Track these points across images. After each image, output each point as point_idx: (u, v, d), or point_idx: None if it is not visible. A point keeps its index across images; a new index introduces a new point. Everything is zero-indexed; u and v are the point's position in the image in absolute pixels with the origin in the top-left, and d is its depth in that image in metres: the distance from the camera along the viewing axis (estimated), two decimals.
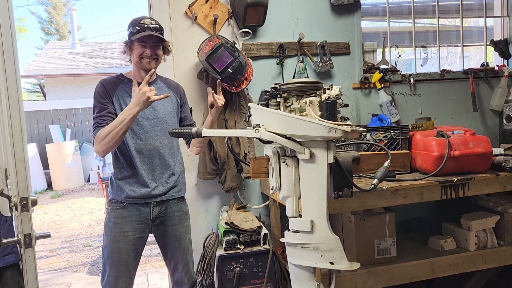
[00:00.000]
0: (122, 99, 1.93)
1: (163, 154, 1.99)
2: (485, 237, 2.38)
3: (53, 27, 18.63)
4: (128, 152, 1.93)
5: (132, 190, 1.94)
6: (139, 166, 1.94)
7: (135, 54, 1.92)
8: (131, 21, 1.94)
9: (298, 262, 1.41)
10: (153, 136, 1.97)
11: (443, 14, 3.23)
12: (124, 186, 1.94)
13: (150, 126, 1.96)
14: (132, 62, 1.97)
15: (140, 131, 1.94)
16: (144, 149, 1.95)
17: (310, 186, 1.39)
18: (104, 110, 1.88)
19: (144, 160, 1.95)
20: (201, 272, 2.42)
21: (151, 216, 1.99)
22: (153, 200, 1.97)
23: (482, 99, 3.11)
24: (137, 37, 1.88)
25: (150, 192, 1.96)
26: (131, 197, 1.94)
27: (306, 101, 1.39)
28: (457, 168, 2.16)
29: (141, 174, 1.94)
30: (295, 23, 2.71)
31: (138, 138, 1.94)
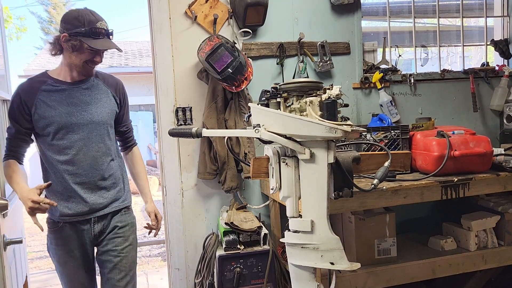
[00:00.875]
0: (46, 104, 1.68)
1: (101, 162, 1.77)
2: (485, 237, 2.38)
3: (53, 27, 18.63)
4: (56, 165, 1.71)
5: (67, 207, 1.72)
6: (70, 179, 1.71)
7: (78, 57, 1.67)
8: (82, 18, 1.64)
9: (298, 262, 1.41)
10: (88, 144, 1.73)
11: (443, 14, 3.22)
12: (57, 202, 1.68)
13: (85, 132, 1.73)
14: (66, 60, 1.71)
15: (71, 140, 1.71)
16: (77, 160, 1.71)
17: (310, 186, 1.38)
18: (13, 130, 1.70)
19: (78, 172, 1.72)
20: (201, 272, 2.42)
21: (93, 234, 1.79)
22: (93, 215, 1.77)
23: (482, 99, 3.10)
24: (95, 45, 1.65)
25: (89, 207, 1.74)
26: (67, 215, 1.72)
27: (306, 101, 1.39)
28: (458, 168, 2.15)
29: (74, 188, 1.72)
30: (295, 23, 2.71)
31: (68, 148, 1.70)
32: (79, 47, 1.65)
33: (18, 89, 1.71)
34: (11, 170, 1.69)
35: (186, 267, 2.62)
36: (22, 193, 1.58)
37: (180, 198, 2.59)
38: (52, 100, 1.70)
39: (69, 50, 1.67)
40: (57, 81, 1.72)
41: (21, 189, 1.61)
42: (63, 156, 1.71)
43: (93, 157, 1.75)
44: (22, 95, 1.69)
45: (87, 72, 1.74)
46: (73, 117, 1.71)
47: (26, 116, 1.69)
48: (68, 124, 1.70)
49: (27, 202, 1.54)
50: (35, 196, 1.54)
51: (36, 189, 1.57)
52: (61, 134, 1.70)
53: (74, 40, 1.64)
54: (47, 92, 1.70)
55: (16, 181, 1.65)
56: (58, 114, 1.69)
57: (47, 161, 1.74)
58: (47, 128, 1.70)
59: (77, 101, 1.74)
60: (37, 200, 1.53)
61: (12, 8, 15.89)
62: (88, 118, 1.74)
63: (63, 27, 1.66)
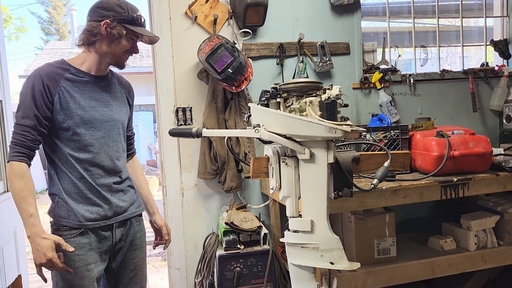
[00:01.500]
0: (69, 94, 1.50)
1: (118, 163, 1.63)
2: (485, 237, 2.38)
3: (53, 27, 18.64)
4: (76, 164, 1.53)
5: (88, 211, 1.53)
6: (92, 179, 1.54)
7: (120, 46, 1.54)
8: (124, 6, 1.54)
9: (298, 262, 1.41)
10: (108, 143, 1.60)
11: (443, 14, 3.23)
12: (76, 206, 1.52)
13: (105, 130, 1.59)
14: (98, 50, 1.55)
15: (94, 136, 1.56)
16: (98, 158, 1.56)
17: (310, 186, 1.39)
18: (32, 121, 1.45)
19: (99, 172, 1.57)
20: (201, 272, 2.42)
21: (114, 241, 1.61)
22: (114, 221, 1.59)
23: (482, 99, 3.11)
24: (144, 33, 1.55)
25: (113, 211, 1.58)
26: (90, 219, 1.53)
27: (306, 101, 1.39)
28: (457, 168, 2.16)
29: (98, 189, 1.55)
30: (295, 23, 2.71)
31: (90, 145, 1.55)
32: (123, 35, 1.51)
33: (39, 72, 1.48)
34: (27, 186, 1.44)
35: (186, 266, 2.62)
36: (40, 241, 1.40)
37: (180, 198, 2.60)
38: (75, 91, 1.52)
39: (109, 39, 1.51)
40: (80, 71, 1.55)
41: (38, 233, 1.40)
42: (84, 153, 1.53)
43: (112, 157, 1.61)
44: (45, 80, 1.47)
45: (121, 63, 1.60)
46: (95, 112, 1.56)
47: (49, 105, 1.47)
48: (91, 119, 1.55)
49: (41, 256, 1.39)
50: (54, 255, 1.40)
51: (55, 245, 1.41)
52: (83, 129, 1.53)
53: (120, 27, 1.49)
54: (70, 82, 1.52)
55: (30, 212, 1.42)
56: (81, 107, 1.53)
57: (63, 159, 1.53)
58: (67, 121, 1.50)
59: (99, 96, 1.59)
60: (55, 263, 1.40)
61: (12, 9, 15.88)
62: (109, 115, 1.61)
63: (100, 15, 1.50)
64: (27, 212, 1.42)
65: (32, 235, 1.41)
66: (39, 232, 1.41)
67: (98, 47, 1.54)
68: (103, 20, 1.49)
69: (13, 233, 2.55)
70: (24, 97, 1.47)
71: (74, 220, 1.52)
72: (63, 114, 1.50)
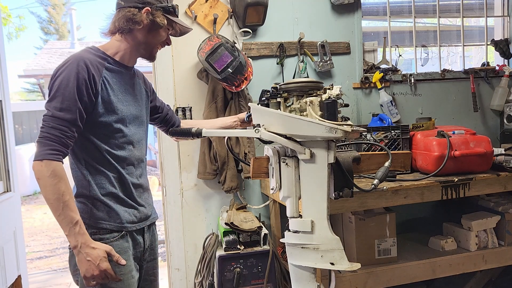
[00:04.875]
0: (110, 86, 1.39)
1: (144, 163, 1.55)
2: (485, 237, 2.38)
3: (52, 26, 18.64)
4: (114, 162, 1.41)
5: (127, 212, 1.43)
6: (128, 179, 1.44)
7: (157, 37, 1.44)
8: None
9: (298, 263, 1.41)
10: (139, 140, 1.51)
11: (443, 13, 3.22)
12: (116, 206, 1.41)
13: (137, 126, 1.50)
14: (137, 39, 1.43)
15: (130, 133, 1.46)
16: (133, 157, 1.47)
17: (311, 186, 1.38)
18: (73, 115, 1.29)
19: (133, 172, 1.47)
20: (201, 272, 2.42)
21: (144, 247, 1.51)
22: (144, 224, 1.50)
23: (482, 99, 3.10)
24: (183, 24, 1.47)
25: (144, 215, 1.49)
26: (129, 221, 1.43)
27: (306, 101, 1.38)
28: (458, 168, 2.15)
29: (132, 189, 1.46)
30: (295, 22, 2.71)
31: (127, 143, 1.45)
32: (164, 25, 1.41)
33: (82, 59, 1.32)
34: (68, 190, 1.28)
35: (186, 267, 2.62)
36: (89, 251, 1.27)
37: (180, 198, 2.59)
38: (115, 83, 1.40)
39: (149, 28, 1.40)
40: (116, 61, 1.43)
41: (87, 242, 1.28)
42: (122, 151, 1.42)
43: (142, 156, 1.52)
44: (90, 68, 1.32)
45: (154, 55, 1.50)
46: (131, 107, 1.46)
47: (92, 97, 1.32)
48: (129, 114, 1.44)
49: (93, 268, 1.27)
50: (108, 265, 1.28)
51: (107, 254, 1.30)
52: (122, 125, 1.42)
53: (160, 16, 1.39)
54: (110, 72, 1.39)
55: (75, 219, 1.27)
56: (120, 100, 1.41)
57: (98, 158, 1.39)
58: (108, 116, 1.37)
59: (131, 90, 1.49)
60: (110, 274, 1.29)
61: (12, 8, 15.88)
62: (140, 111, 1.51)
63: (140, 1, 1.38)
64: (71, 219, 1.26)
65: (79, 245, 1.27)
66: (88, 242, 1.28)
67: (135, 36, 1.41)
68: (144, 7, 1.38)
69: (13, 233, 2.55)
70: (64, 85, 1.28)
71: (115, 222, 1.40)
72: (103, 107, 1.36)
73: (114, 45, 1.44)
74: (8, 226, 2.48)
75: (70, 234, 1.27)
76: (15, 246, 2.56)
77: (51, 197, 1.25)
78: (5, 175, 2.53)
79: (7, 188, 2.49)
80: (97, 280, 1.29)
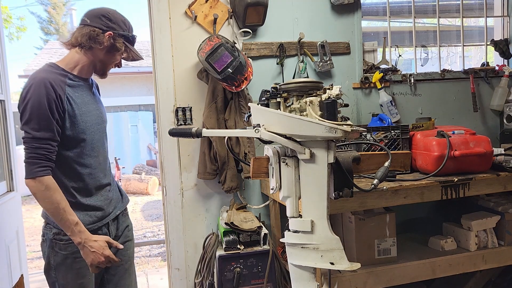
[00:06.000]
0: (73, 101, 1.51)
1: (108, 163, 1.70)
2: (485, 237, 2.38)
3: (52, 27, 18.64)
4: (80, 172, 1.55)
5: (88, 215, 1.56)
6: (92, 184, 1.59)
7: (112, 58, 1.61)
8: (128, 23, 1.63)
9: (298, 263, 1.41)
10: (103, 145, 1.66)
11: (443, 13, 3.22)
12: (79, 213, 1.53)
13: (100, 133, 1.64)
14: (92, 57, 1.57)
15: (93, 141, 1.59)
16: (96, 163, 1.61)
17: (310, 186, 1.38)
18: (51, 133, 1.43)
19: (99, 176, 1.62)
20: (201, 272, 2.42)
21: (111, 236, 1.67)
22: (108, 219, 1.65)
23: (482, 99, 3.10)
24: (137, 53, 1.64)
25: (107, 212, 1.64)
26: (91, 223, 1.57)
27: (306, 101, 1.39)
28: (458, 168, 2.15)
29: (96, 193, 1.60)
30: (295, 22, 2.71)
31: (91, 149, 1.59)
32: (119, 49, 1.58)
33: (47, 79, 1.44)
34: (62, 198, 1.45)
35: (186, 267, 2.62)
36: (93, 244, 1.47)
37: (180, 198, 2.59)
38: (77, 97, 1.53)
39: (107, 48, 1.56)
40: (75, 75, 1.56)
41: (88, 238, 1.48)
42: (88, 158, 1.57)
43: (106, 159, 1.68)
44: (56, 88, 1.44)
45: (106, 73, 1.65)
46: (92, 116, 1.59)
47: (61, 114, 1.46)
48: (91, 124, 1.58)
49: (99, 256, 1.48)
50: (110, 252, 1.51)
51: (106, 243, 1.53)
52: (87, 135, 1.56)
53: (119, 42, 1.57)
54: (71, 88, 1.52)
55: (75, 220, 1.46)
56: (83, 112, 1.54)
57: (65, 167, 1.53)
58: (73, 128, 1.52)
59: (91, 100, 1.62)
60: (112, 258, 1.51)
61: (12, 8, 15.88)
62: (101, 118, 1.66)
63: (105, 25, 1.55)
64: (71, 222, 1.45)
65: (82, 241, 1.47)
66: (89, 237, 1.48)
67: (94, 53, 1.57)
68: (107, 30, 1.55)
69: (16, 233, 2.55)
70: (37, 108, 1.41)
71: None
72: (69, 121, 1.50)
73: (74, 59, 1.57)
74: (12, 226, 2.48)
75: (73, 234, 1.46)
76: (18, 246, 2.57)
77: (50, 207, 1.43)
78: (8, 174, 2.53)
79: (9, 187, 2.49)
80: (102, 266, 1.51)
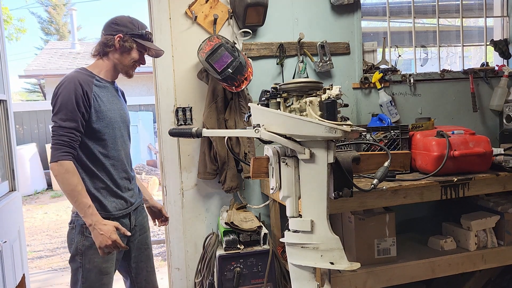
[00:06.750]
0: (100, 98, 1.71)
1: (130, 158, 1.88)
2: (485, 237, 2.38)
3: (53, 27, 18.65)
4: (104, 162, 1.72)
5: (115, 202, 1.74)
6: (116, 175, 1.74)
7: (129, 58, 1.76)
8: (136, 22, 1.78)
9: (298, 262, 1.41)
10: (125, 141, 1.83)
11: (443, 14, 3.23)
12: (105, 200, 1.71)
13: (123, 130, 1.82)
14: (111, 61, 1.77)
15: (117, 135, 1.77)
16: (119, 156, 1.77)
17: (310, 186, 1.39)
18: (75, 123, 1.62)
19: (121, 168, 1.77)
20: (201, 272, 2.42)
21: (131, 227, 1.82)
22: (130, 210, 1.81)
23: (482, 99, 3.11)
24: (151, 46, 1.78)
25: (129, 202, 1.80)
26: (116, 209, 1.74)
27: (306, 101, 1.39)
28: (457, 168, 2.16)
29: (120, 184, 1.76)
30: (295, 23, 2.71)
31: (114, 143, 1.75)
32: (133, 48, 1.75)
33: (77, 79, 1.66)
34: (80, 182, 1.60)
35: (186, 266, 2.62)
36: (102, 227, 1.59)
37: (180, 198, 2.60)
38: (103, 96, 1.74)
39: (121, 50, 1.74)
40: (101, 78, 1.77)
41: (99, 221, 1.59)
42: (111, 150, 1.74)
43: (127, 154, 1.85)
44: (83, 85, 1.65)
45: (130, 73, 1.81)
46: (117, 113, 1.78)
47: (87, 108, 1.66)
48: (115, 120, 1.76)
49: (106, 239, 1.58)
50: (117, 237, 1.60)
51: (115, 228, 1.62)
52: (110, 129, 1.73)
53: (130, 41, 1.74)
54: (98, 87, 1.73)
55: (88, 203, 1.59)
56: (108, 109, 1.74)
57: (92, 158, 1.69)
58: (99, 122, 1.69)
59: (116, 100, 1.82)
60: (119, 243, 1.61)
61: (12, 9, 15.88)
62: (124, 117, 1.84)
63: (114, 30, 1.73)
64: (85, 204, 1.58)
65: (93, 223, 1.58)
66: (99, 220, 1.59)
67: (111, 57, 1.76)
68: (116, 34, 1.72)
69: (17, 232, 2.55)
70: (65, 101, 1.61)
71: (104, 211, 1.68)
72: (96, 116, 1.68)
73: (98, 65, 1.79)
74: (14, 225, 2.49)
75: (86, 215, 1.59)
76: (20, 245, 2.57)
77: (68, 188, 1.58)
78: (10, 174, 2.54)
79: (11, 187, 2.50)
80: (109, 249, 1.60)
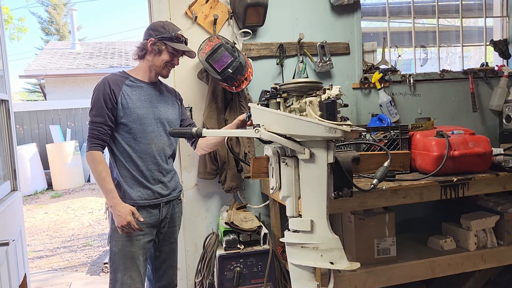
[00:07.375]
0: (129, 96, 1.89)
1: (166, 154, 1.98)
2: (484, 237, 2.39)
3: (53, 27, 18.64)
4: (131, 154, 1.89)
5: (140, 192, 1.89)
6: (143, 167, 1.90)
7: (160, 59, 1.91)
8: (167, 27, 1.93)
9: (298, 262, 1.42)
10: (157, 136, 1.94)
11: (442, 14, 3.23)
12: (131, 188, 1.89)
13: (154, 126, 1.94)
14: (147, 63, 1.95)
15: (146, 130, 1.91)
16: (148, 149, 1.90)
17: (310, 186, 1.39)
18: (103, 118, 1.83)
19: (150, 161, 1.91)
20: (201, 272, 2.43)
21: (160, 218, 1.96)
22: (161, 201, 1.95)
23: (481, 99, 3.11)
24: (177, 47, 1.91)
25: (159, 193, 1.93)
26: (142, 199, 1.90)
27: (306, 101, 1.39)
28: (457, 168, 2.16)
29: (147, 175, 1.90)
30: (295, 23, 2.72)
31: (143, 137, 1.90)
32: (163, 50, 1.91)
33: (107, 80, 1.88)
34: (105, 169, 1.83)
35: (186, 266, 2.63)
36: (120, 209, 1.79)
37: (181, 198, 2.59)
38: (133, 94, 1.90)
39: (153, 53, 1.91)
40: (136, 79, 1.95)
41: (118, 203, 1.80)
42: (138, 144, 1.89)
43: (161, 149, 1.95)
44: (111, 85, 1.87)
45: (163, 73, 1.96)
46: (148, 110, 1.92)
47: (114, 105, 1.86)
48: (143, 116, 1.90)
49: (123, 220, 1.78)
50: (132, 219, 1.79)
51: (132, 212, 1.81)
52: (138, 124, 1.88)
53: (160, 43, 1.90)
54: (129, 87, 1.91)
55: (110, 188, 1.81)
56: (137, 106, 1.89)
57: (120, 150, 1.88)
58: (126, 117, 1.86)
59: (150, 99, 1.95)
60: (133, 224, 1.79)
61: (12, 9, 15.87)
62: (157, 114, 1.95)
63: (149, 34, 1.92)
64: (107, 188, 1.81)
65: (113, 204, 1.80)
66: (119, 202, 1.80)
67: (147, 60, 1.95)
68: (149, 38, 1.91)
69: (19, 232, 2.55)
70: (96, 100, 1.85)
71: (128, 199, 1.87)
72: (123, 112, 1.86)
73: (138, 67, 1.99)
74: (16, 225, 2.49)
75: (108, 198, 1.82)
76: (21, 244, 2.57)
77: (94, 174, 1.83)
78: (12, 174, 2.54)
79: (13, 187, 2.50)
80: (125, 230, 1.79)
